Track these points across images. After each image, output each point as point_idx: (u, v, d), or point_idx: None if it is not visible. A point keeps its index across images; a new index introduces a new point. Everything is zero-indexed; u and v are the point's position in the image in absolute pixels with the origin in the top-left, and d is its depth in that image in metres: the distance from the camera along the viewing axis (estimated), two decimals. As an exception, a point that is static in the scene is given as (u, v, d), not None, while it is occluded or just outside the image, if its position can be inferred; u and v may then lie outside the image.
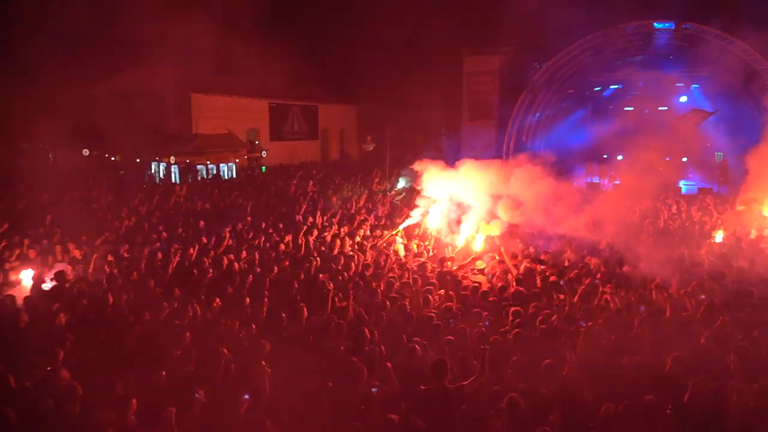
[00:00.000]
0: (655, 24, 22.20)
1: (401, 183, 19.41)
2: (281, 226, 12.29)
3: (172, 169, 23.86)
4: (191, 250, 9.63)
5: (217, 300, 7.36)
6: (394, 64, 29.74)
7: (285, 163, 27.99)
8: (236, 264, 9.23)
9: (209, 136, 25.56)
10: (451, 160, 13.01)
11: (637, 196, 17.44)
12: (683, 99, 25.11)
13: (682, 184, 22.64)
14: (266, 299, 7.47)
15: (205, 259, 9.23)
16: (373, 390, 5.01)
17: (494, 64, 27.28)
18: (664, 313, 7.46)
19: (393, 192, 18.51)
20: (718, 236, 12.59)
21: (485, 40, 27.17)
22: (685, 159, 23.65)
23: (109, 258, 9.11)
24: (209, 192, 16.60)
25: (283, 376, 5.24)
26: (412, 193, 14.01)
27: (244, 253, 9.97)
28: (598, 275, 9.39)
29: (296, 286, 8.22)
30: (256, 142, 27.82)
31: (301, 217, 13.36)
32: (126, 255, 9.72)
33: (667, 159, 23.23)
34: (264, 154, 27.35)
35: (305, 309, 6.98)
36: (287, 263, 9.65)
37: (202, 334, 6.27)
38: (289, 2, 28.86)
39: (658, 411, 4.65)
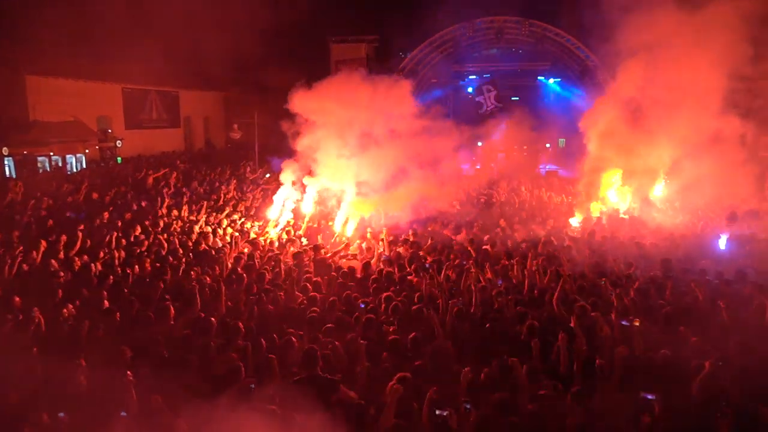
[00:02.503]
0: (505, 20, 24.38)
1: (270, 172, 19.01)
2: (147, 222, 11.40)
3: (6, 162, 20.97)
4: (34, 253, 8.59)
5: (70, 306, 6.68)
6: (261, 51, 28.84)
7: (144, 153, 25.91)
8: (92, 265, 8.42)
9: (51, 123, 22.72)
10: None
11: (496, 180, 19.03)
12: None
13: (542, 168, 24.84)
14: (129, 300, 6.94)
15: (54, 261, 8.31)
16: (252, 386, 4.91)
17: (360, 52, 27.84)
18: (522, 285, 8.24)
19: (263, 180, 18.07)
20: (575, 220, 14.01)
21: (351, 29, 27.56)
22: (548, 145, 25.99)
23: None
24: (55, 187, 14.86)
25: (152, 382, 4.92)
26: (280, 181, 13.73)
27: (101, 253, 9.13)
28: (474, 255, 9.95)
29: (162, 285, 7.72)
30: (109, 131, 25.35)
31: (164, 211, 12.53)
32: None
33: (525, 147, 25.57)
34: (119, 143, 25.06)
35: (172, 308, 6.59)
36: (154, 260, 9.03)
37: (50, 346, 5.65)
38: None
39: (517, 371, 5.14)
